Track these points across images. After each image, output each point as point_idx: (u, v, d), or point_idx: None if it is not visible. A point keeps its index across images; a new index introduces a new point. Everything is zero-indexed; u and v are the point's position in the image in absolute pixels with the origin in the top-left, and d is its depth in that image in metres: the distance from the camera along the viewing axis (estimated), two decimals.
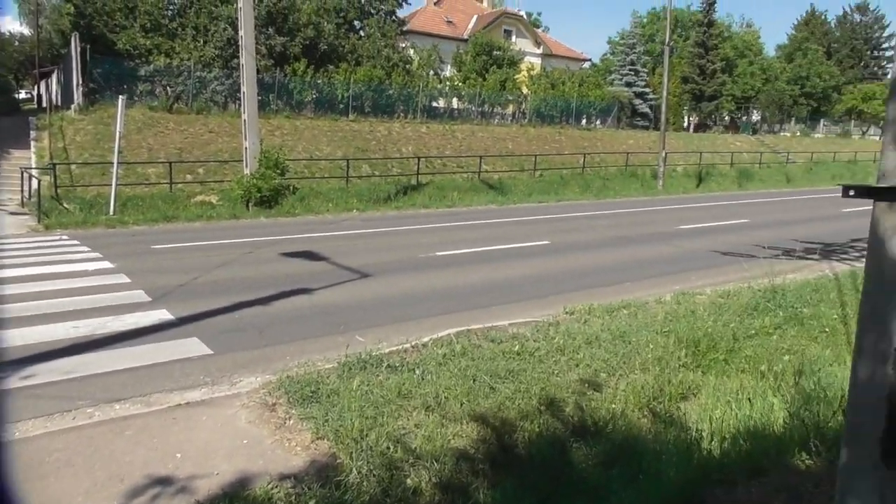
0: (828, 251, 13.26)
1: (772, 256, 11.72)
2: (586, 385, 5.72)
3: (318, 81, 28.43)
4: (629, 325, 7.49)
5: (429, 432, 4.61)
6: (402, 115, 30.65)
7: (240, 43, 19.09)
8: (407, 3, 36.30)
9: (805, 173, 39.58)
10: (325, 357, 6.43)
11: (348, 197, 21.12)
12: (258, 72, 20.86)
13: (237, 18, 19.35)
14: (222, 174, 21.14)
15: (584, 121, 39.07)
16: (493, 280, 10.43)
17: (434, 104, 33.57)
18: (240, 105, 21.01)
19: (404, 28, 37.67)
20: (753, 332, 7.39)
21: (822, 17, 69.47)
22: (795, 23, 70.33)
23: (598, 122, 40.33)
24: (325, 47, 30.00)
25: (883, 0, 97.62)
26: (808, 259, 12.32)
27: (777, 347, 6.89)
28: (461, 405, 5.12)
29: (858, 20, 68.27)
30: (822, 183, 35.62)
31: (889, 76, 2.33)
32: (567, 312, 8.17)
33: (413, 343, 6.77)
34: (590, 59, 55.81)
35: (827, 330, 7.38)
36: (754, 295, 8.76)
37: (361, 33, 33.92)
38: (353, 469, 4.10)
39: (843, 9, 72.04)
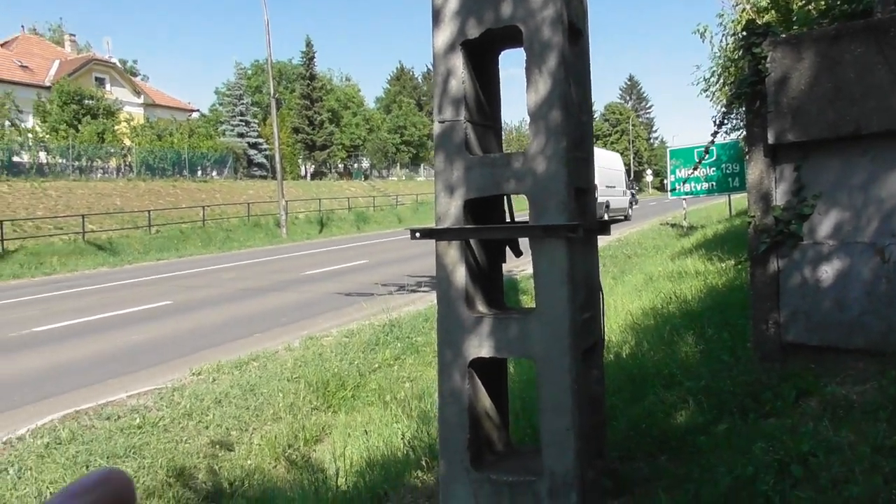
0: (434, 283, 14.96)
1: (387, 293, 12.77)
2: (218, 446, 5.48)
3: None
4: (259, 377, 7.41)
5: None
6: None
7: None
8: None
9: (413, 213, 44.27)
10: None
11: None
12: None
13: None
14: None
15: (199, 172, 37.92)
16: (107, 351, 9.35)
17: (15, 159, 29.15)
18: None
19: None
20: (377, 365, 7.91)
21: (410, 72, 79.24)
22: (389, 78, 78.99)
23: (214, 173, 39.53)
24: None
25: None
26: (419, 291, 13.71)
27: (398, 377, 7.49)
28: None
29: None
30: (428, 221, 40.21)
31: (434, 132, 2.73)
32: (194, 374, 7.74)
33: (5, 438, 5.70)
34: (198, 110, 54.52)
35: None
36: (375, 331, 9.40)
37: None
38: None
39: (426, 66, 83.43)
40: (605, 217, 25.33)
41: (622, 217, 28.26)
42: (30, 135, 31.08)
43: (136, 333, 10.41)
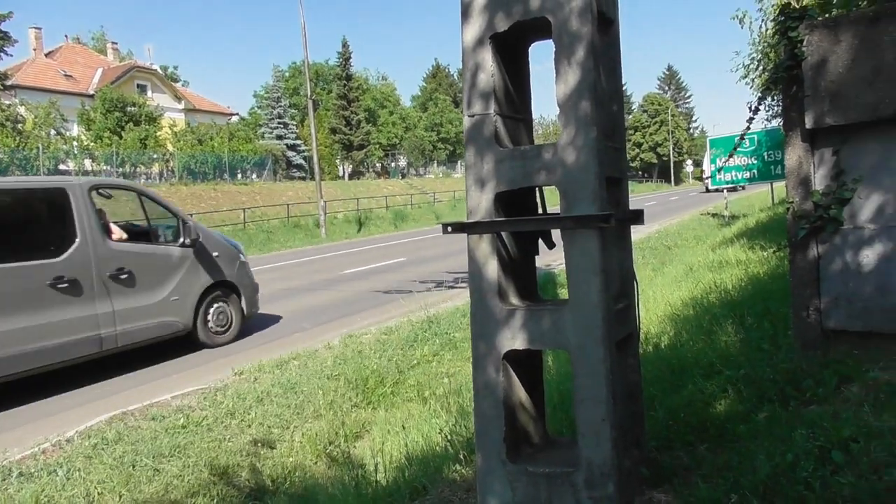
0: None
1: (426, 290, 12.84)
2: (260, 445, 5.60)
3: None
4: (300, 375, 7.53)
5: None
6: None
7: None
8: (6, 53, 32.12)
9: (451, 210, 44.35)
10: None
11: None
12: None
13: None
14: None
15: (239, 175, 38.65)
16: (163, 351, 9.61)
17: (62, 167, 30.12)
18: None
19: (7, 83, 33.27)
20: (416, 361, 7.96)
21: (446, 69, 79.31)
22: (425, 75, 79.32)
23: (254, 176, 40.25)
24: None
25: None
26: (457, 287, 13.74)
27: (437, 372, 7.52)
28: (119, 497, 4.61)
29: None
30: (465, 217, 40.15)
31: (464, 126, 2.76)
32: (236, 373, 7.90)
33: (55, 440, 5.89)
34: (237, 114, 55.60)
35: None
36: (413, 327, 9.46)
37: None
38: None
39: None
40: None
41: None
42: (75, 143, 32.04)
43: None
